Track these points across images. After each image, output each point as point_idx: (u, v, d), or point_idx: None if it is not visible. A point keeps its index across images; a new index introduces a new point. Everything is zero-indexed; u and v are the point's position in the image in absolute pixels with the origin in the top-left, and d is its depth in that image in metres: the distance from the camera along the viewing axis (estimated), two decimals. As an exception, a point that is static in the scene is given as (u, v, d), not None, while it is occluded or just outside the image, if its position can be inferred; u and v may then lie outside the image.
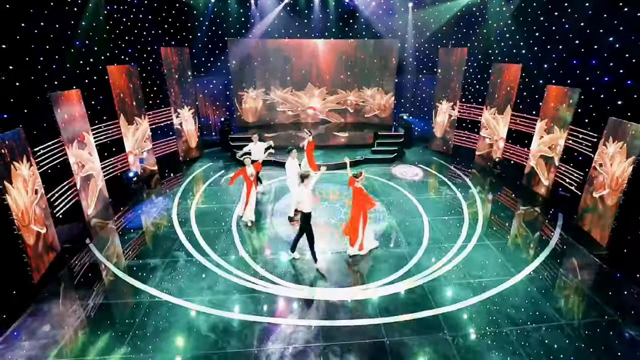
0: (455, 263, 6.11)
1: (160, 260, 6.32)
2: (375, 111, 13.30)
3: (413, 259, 6.23)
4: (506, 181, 9.56)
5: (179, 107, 10.93)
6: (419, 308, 5.13)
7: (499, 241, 6.82)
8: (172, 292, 5.54)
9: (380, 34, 12.55)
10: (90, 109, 8.36)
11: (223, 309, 5.17)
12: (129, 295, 5.51)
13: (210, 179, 9.90)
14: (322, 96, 13.13)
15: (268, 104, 13.05)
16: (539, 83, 9.06)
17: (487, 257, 6.28)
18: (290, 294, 5.44)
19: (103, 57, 9.04)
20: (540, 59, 9.07)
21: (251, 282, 5.72)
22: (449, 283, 5.64)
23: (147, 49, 10.44)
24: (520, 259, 6.26)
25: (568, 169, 8.24)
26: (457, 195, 8.75)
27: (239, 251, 6.53)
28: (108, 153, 9.09)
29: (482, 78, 10.95)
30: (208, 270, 6.02)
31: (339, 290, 5.51)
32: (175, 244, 6.80)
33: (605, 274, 5.91)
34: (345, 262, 6.18)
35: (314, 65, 12.71)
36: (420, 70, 13.06)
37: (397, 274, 5.84)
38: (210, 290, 5.58)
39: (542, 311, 5.09)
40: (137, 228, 7.42)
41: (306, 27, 12.49)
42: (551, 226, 7.30)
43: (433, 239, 6.82)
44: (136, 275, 5.92)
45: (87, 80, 8.56)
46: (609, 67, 7.18)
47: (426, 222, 7.46)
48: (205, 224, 7.50)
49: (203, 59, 12.37)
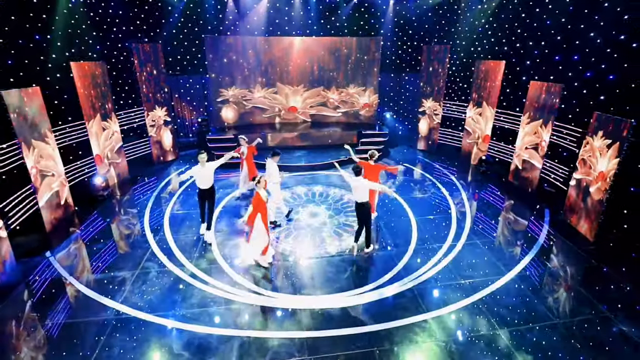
0: (445, 264, 5.87)
1: (129, 273, 5.79)
2: (359, 110, 13.06)
3: (401, 261, 5.95)
4: (492, 178, 9.47)
5: (152, 107, 10.35)
6: (409, 313, 4.84)
7: (488, 239, 6.65)
8: (142, 307, 5.04)
9: (362, 31, 12.35)
10: (53, 109, 7.76)
11: (198, 323, 4.73)
12: (93, 312, 4.97)
13: (186, 183, 9.37)
14: (304, 95, 12.79)
15: (247, 103, 12.59)
16: (522, 80, 9.03)
17: (477, 256, 6.08)
18: (272, 304, 5.05)
19: (67, 53, 8.43)
20: (522, 55, 9.05)
21: (229, 292, 5.29)
22: (439, 285, 5.39)
23: (117, 45, 9.85)
24: (510, 257, 6.09)
25: (553, 164, 8.21)
26: (443, 193, 8.57)
27: (216, 259, 6.09)
28: (74, 156, 8.45)
29: (465, 75, 10.89)
30: (182, 281, 5.55)
31: (324, 298, 5.15)
32: (146, 253, 6.28)
33: (593, 268, 5.81)
34: (330, 267, 5.84)
35: (295, 64, 12.35)
36: (403, 68, 12.93)
37: (384, 278, 5.54)
38: (185, 303, 5.11)
39: (535, 310, 4.90)
40: (104, 237, 6.84)
41: (287, 24, 12.13)
42: (538, 222, 7.20)
43: (421, 239, 6.57)
44: (102, 290, 5.38)
45: (48, 78, 7.94)
46: (591, 63, 7.16)
47: (413, 221, 7.22)
48: (180, 231, 7.01)
49: (179, 57, 11.81)
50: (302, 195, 8.50)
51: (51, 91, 7.91)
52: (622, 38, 6.42)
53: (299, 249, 6.32)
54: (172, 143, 11.07)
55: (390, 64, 12.86)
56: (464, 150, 10.79)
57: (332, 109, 13.05)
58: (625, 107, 6.21)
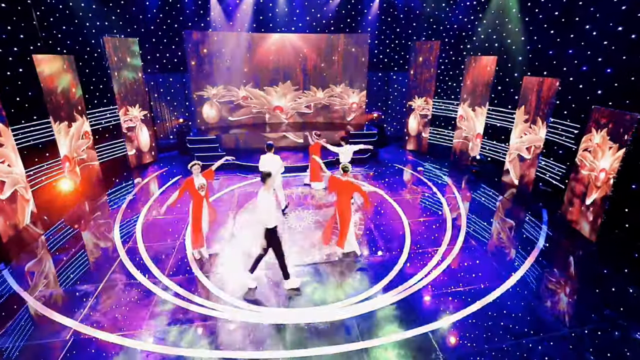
0: (441, 269, 5.43)
1: (92, 286, 5.16)
2: (346, 109, 12.66)
3: (395, 267, 5.49)
4: (485, 178, 9.15)
5: (127, 106, 9.69)
6: (405, 325, 4.37)
7: (485, 242, 6.26)
8: (104, 325, 4.43)
9: (349, 28, 11.97)
10: (14, 106, 7.08)
11: (168, 344, 4.14)
12: (47, 333, 4.33)
13: (163, 187, 8.74)
14: (289, 94, 12.31)
15: (230, 103, 12.03)
16: (515, 75, 8.77)
17: (475, 261, 5.66)
18: (253, 319, 4.50)
19: (32, 46, 7.73)
20: (514, 50, 8.79)
21: (206, 307, 4.72)
22: (437, 293, 4.93)
23: (88, 39, 9.15)
24: (510, 261, 5.70)
25: (548, 162, 7.92)
26: (436, 194, 8.18)
27: (192, 270, 5.50)
28: (39, 158, 7.75)
29: (456, 72, 10.61)
30: (153, 296, 4.95)
31: (311, 311, 4.63)
32: (114, 265, 5.65)
33: (597, 271, 5.47)
34: (316, 277, 5.32)
35: (280, 62, 11.87)
36: (391, 67, 12.60)
37: (377, 287, 5.06)
38: (154, 320, 4.52)
39: (542, 319, 4.49)
40: (68, 247, 6.17)
41: (271, 21, 11.65)
42: (536, 223, 6.86)
43: (415, 243, 6.13)
44: (60, 307, 4.74)
45: (8, 73, 7.24)
46: (587, 56, 6.91)
47: (406, 224, 6.78)
48: (154, 239, 6.39)
49: (158, 55, 11.18)
50: (286, 198, 7.97)
51: (11, 87, 7.23)
52: (620, 29, 6.17)
53: (284, 256, 5.79)
54: (149, 144, 10.40)
55: (378, 63, 12.51)
56: (455, 150, 10.48)
57: (319, 108, 12.61)
58: (625, 100, 5.93)
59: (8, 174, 6.36)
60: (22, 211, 6.65)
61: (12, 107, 7.15)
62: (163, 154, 11.15)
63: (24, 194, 6.75)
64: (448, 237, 6.30)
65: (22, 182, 6.70)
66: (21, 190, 6.67)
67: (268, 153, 6.85)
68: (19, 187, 6.59)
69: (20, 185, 6.62)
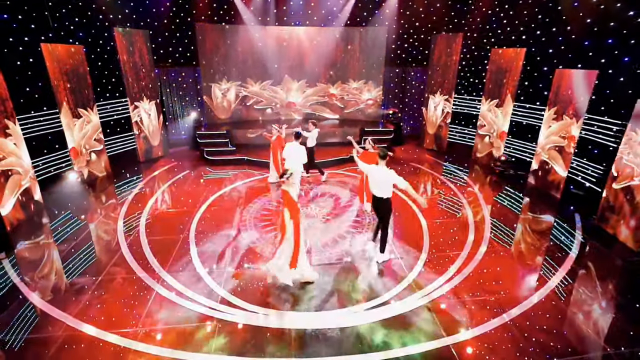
0: (464, 275, 4.92)
1: (91, 279, 4.90)
2: (361, 106, 12.23)
3: (413, 271, 5.02)
4: (510, 179, 8.54)
5: (138, 99, 9.54)
6: (424, 337, 3.90)
7: (513, 248, 5.70)
8: (98, 321, 4.14)
9: (365, 22, 11.54)
10: (23, 96, 6.99)
11: (163, 345, 3.81)
12: (39, 327, 4.07)
13: (170, 181, 8.51)
14: (303, 90, 11.97)
15: (242, 98, 11.78)
16: (544, 70, 8.16)
17: (503, 268, 5.13)
18: (254, 322, 4.12)
19: (43, 37, 7.64)
20: (544, 42, 8.18)
21: (206, 306, 4.37)
22: (459, 302, 4.44)
23: (99, 30, 9.04)
24: (540, 269, 5.14)
25: (581, 162, 7.29)
26: (456, 195, 7.64)
27: (195, 265, 5.18)
28: (48, 149, 7.65)
29: (478, 68, 10.03)
30: (151, 292, 4.64)
31: (318, 316, 4.22)
32: (114, 257, 5.40)
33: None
34: (325, 278, 4.91)
35: (294, 56, 11.56)
36: (410, 62, 12.09)
37: (393, 292, 4.60)
38: (150, 318, 4.20)
39: (580, 336, 3.94)
40: (70, 238, 5.97)
41: (285, 14, 11.36)
42: (569, 229, 6.24)
43: (435, 246, 5.64)
44: (54, 300, 4.50)
45: (19, 62, 7.16)
46: (629, 46, 6.28)
47: (425, 226, 6.29)
48: (158, 232, 6.12)
49: (170, 49, 11.02)
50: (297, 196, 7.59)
51: (22, 76, 7.15)
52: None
53: (292, 255, 5.40)
54: (159, 139, 10.23)
55: (396, 58, 12.03)
56: (477, 149, 9.89)
57: (334, 104, 12.22)
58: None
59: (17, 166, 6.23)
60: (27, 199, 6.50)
61: (22, 97, 7.07)
62: (173, 149, 10.98)
63: (28, 181, 6.60)
64: (470, 241, 5.78)
65: (30, 173, 6.56)
66: (25, 177, 6.53)
67: (295, 141, 6.85)
68: (29, 176, 6.44)
69: (29, 176, 6.48)
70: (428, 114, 10.95)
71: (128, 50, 9.08)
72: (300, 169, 7.03)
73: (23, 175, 6.38)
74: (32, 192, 6.63)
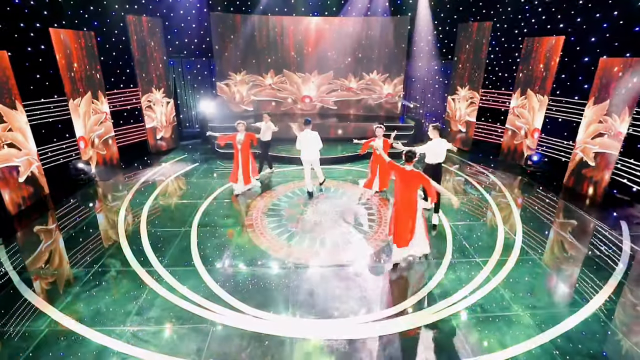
0: (493, 285, 4.30)
1: (83, 271, 4.60)
2: (381, 100, 11.64)
3: (433, 278, 4.44)
4: (543, 180, 7.75)
5: (149, 89, 9.33)
6: (446, 356, 3.34)
7: (550, 256, 5.02)
8: (84, 317, 3.81)
9: (386, 13, 10.95)
10: (32, 82, 6.84)
11: (150, 347, 3.42)
12: (23, 320, 3.77)
13: (179, 172, 8.22)
14: (319, 83, 11.51)
15: (256, 90, 11.44)
16: (585, 60, 7.36)
17: (538, 279, 4.48)
18: (252, 327, 3.67)
19: (56, 24, 7.49)
20: (585, 30, 7.38)
21: (201, 305, 3.97)
22: (488, 316, 3.84)
23: (111, 18, 8.85)
24: (584, 282, 4.44)
25: (626, 163, 6.47)
26: (483, 197, 6.96)
27: (194, 261, 4.79)
28: (54, 137, 7.49)
29: (508, 61, 9.26)
30: (144, 287, 4.28)
31: (324, 324, 3.73)
32: (110, 248, 5.09)
33: None
34: (338, 281, 4.40)
35: (310, 47, 11.11)
36: (433, 55, 11.40)
37: (411, 300, 4.05)
38: (140, 316, 3.83)
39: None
40: (69, 228, 5.72)
41: (302, 3, 10.92)
42: (615, 237, 5.47)
43: (459, 251, 5.03)
44: (43, 291, 4.21)
45: (29, 48, 7.01)
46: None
47: (447, 227, 5.68)
48: (159, 224, 5.80)
49: (186, 40, 10.78)
50: (310, 191, 7.13)
51: (32, 62, 7.01)
52: None
53: (301, 255, 4.94)
54: (171, 131, 10.01)
55: (419, 51, 11.37)
56: (506, 147, 9.13)
57: (351, 98, 11.70)
58: None
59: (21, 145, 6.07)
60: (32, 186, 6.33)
61: (32, 84, 6.93)
62: (185, 141, 10.75)
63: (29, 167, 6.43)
64: (499, 248, 5.13)
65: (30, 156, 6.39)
66: (27, 163, 6.36)
67: (306, 129, 6.41)
68: (28, 158, 6.28)
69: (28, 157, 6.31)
70: (452, 110, 10.25)
71: (140, 38, 8.88)
72: (318, 155, 6.60)
73: (27, 158, 6.22)
74: (38, 179, 6.47)
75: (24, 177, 6.19)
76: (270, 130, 7.53)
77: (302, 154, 6.51)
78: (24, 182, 6.18)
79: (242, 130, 6.55)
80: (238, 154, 6.59)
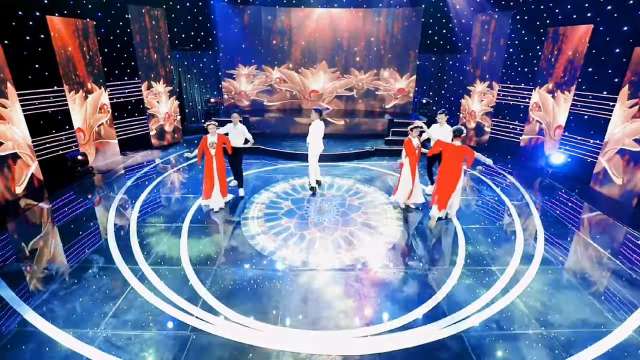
0: (511, 298, 3.80)
1: (64, 266, 4.31)
2: (392, 96, 11.14)
3: (443, 287, 3.97)
4: (566, 182, 7.14)
5: (151, 81, 9.08)
6: (454, 378, 2.88)
7: (576, 266, 4.48)
8: (56, 317, 3.50)
9: (399, 4, 10.43)
10: (30, 72, 6.62)
11: (121, 354, 3.08)
12: (-8, 318, 3.50)
13: (178, 166, 7.94)
14: (328, 77, 11.09)
15: (263, 85, 11.10)
16: (616, 51, 6.72)
17: (563, 292, 3.95)
18: (236, 336, 3.28)
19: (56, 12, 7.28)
20: (614, 19, 6.74)
21: (185, 310, 3.61)
22: (505, 332, 3.35)
23: (112, 6, 8.60)
24: (618, 298, 3.89)
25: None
26: (500, 200, 6.42)
27: (182, 260, 4.45)
28: (52, 127, 7.28)
29: (528, 54, 8.63)
30: (125, 286, 3.95)
31: (319, 336, 3.31)
32: (96, 244, 4.79)
33: None
34: (332, 288, 3.98)
35: (319, 40, 10.69)
36: (447, 49, 10.83)
37: (417, 312, 3.59)
38: (116, 318, 3.49)
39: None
40: (58, 219, 5.47)
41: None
42: (649, 246, 4.88)
43: (472, 258, 4.53)
44: (17, 288, 3.92)
45: (27, 37, 6.81)
46: None
47: (460, 231, 5.18)
48: (150, 219, 5.49)
49: (192, 33, 10.53)
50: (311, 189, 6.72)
51: (30, 51, 6.81)
52: None
53: (296, 257, 4.54)
54: (174, 124, 9.75)
55: (432, 44, 10.82)
56: (526, 146, 8.52)
57: (361, 93, 11.25)
58: None
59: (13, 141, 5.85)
60: (20, 177, 6.12)
61: (29, 74, 6.72)
62: (189, 136, 10.49)
63: (27, 160, 6.24)
64: (518, 255, 4.61)
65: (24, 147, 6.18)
66: (24, 156, 6.16)
67: (318, 119, 6.14)
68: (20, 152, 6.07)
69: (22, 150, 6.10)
70: (468, 106, 9.69)
71: (142, 28, 8.63)
72: (322, 147, 6.31)
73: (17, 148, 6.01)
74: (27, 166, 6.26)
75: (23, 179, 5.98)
76: (242, 135, 6.05)
77: (311, 147, 6.14)
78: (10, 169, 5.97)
79: (214, 132, 5.42)
80: (212, 161, 5.41)
